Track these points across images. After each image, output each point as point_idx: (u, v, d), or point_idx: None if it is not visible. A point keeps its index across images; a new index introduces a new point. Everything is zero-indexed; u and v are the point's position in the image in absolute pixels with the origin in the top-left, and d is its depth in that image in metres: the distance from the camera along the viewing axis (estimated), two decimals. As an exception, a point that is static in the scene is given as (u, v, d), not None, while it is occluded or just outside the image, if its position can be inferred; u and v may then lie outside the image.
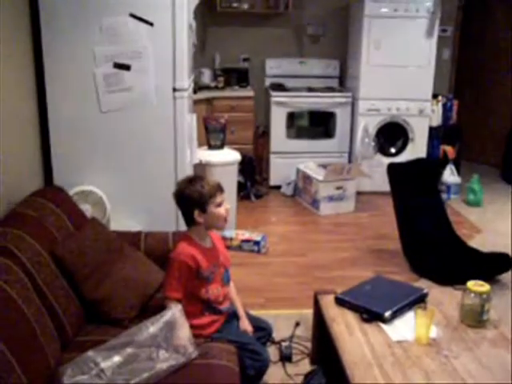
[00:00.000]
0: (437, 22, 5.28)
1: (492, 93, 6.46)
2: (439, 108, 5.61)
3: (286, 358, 2.80)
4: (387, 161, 4.78)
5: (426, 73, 5.39)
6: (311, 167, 5.27)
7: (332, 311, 2.37)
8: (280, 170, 5.61)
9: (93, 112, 3.18)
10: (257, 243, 4.18)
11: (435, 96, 5.57)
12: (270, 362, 2.45)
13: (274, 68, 5.95)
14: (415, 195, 4.00)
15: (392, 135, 5.59)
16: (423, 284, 3.44)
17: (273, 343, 2.83)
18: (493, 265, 3.70)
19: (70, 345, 2.15)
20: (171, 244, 2.72)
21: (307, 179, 5.20)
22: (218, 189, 2.33)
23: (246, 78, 5.81)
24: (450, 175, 5.52)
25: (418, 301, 2.37)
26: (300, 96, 5.58)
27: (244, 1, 5.72)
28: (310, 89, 5.74)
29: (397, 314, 2.27)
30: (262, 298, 3.48)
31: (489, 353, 2.07)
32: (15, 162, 2.75)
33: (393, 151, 5.64)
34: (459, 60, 6.44)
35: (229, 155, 4.49)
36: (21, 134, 2.89)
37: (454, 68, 6.44)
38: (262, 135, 5.82)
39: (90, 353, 1.89)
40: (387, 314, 2.24)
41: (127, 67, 3.14)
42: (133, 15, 3.09)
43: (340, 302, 2.40)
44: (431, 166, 4.61)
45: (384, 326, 2.22)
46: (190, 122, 3.50)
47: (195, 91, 4.85)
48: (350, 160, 5.66)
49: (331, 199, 5.02)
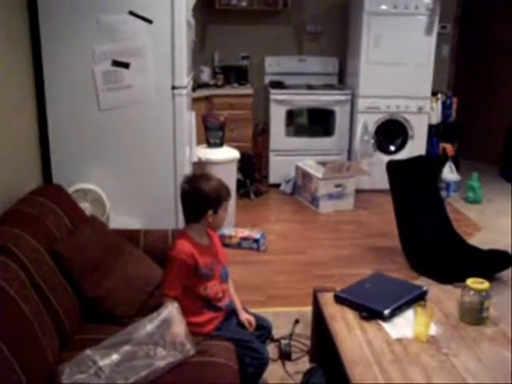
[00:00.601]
0: (436, 19, 5.27)
1: (491, 90, 6.45)
2: (438, 105, 5.60)
3: (286, 356, 2.80)
4: (386, 158, 4.77)
5: (426, 70, 5.38)
6: (311, 165, 5.26)
7: (331, 309, 2.37)
8: (279, 168, 5.61)
9: (92, 110, 3.18)
10: (256, 241, 4.18)
11: (434, 93, 5.57)
12: (270, 360, 2.45)
13: (274, 66, 5.94)
14: (415, 193, 4.00)
15: (391, 133, 5.58)
16: (423, 282, 3.45)
17: (272, 341, 2.83)
18: (492, 262, 3.70)
19: (69, 343, 2.15)
20: (170, 241, 2.72)
21: (307, 177, 5.20)
22: (229, 193, 2.34)
23: (246, 76, 5.80)
24: (450, 173, 5.52)
25: (418, 298, 2.37)
26: (299, 94, 5.57)
27: (243, -2, 5.71)
28: (310, 86, 5.73)
29: (396, 312, 2.27)
30: (262, 296, 3.48)
31: (488, 350, 2.07)
32: (14, 160, 2.74)
33: (392, 149, 5.64)
34: (458, 57, 6.43)
35: (228, 153, 4.48)
36: (19, 132, 2.88)
37: (454, 65, 6.44)
38: (262, 133, 5.82)
39: (88, 351, 1.89)
40: (386, 312, 2.24)
41: (126, 65, 3.13)
42: (132, 13, 3.08)
43: (339, 300, 2.40)
44: (430, 164, 4.61)
45: (383, 324, 2.22)
46: (189, 120, 3.50)
47: (194, 89, 4.85)
48: (350, 158, 5.65)
49: (330, 197, 5.02)
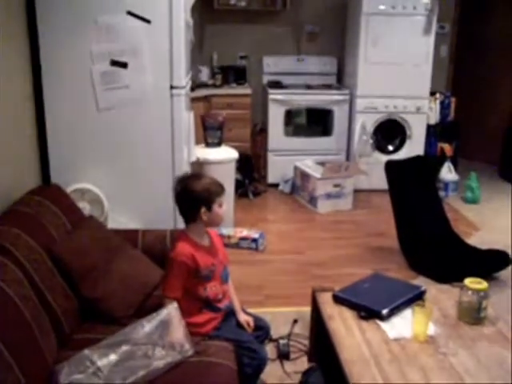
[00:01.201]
0: (434, 19, 5.28)
1: (490, 90, 6.46)
2: (437, 105, 5.60)
3: (284, 356, 2.80)
4: (385, 158, 4.77)
5: (424, 70, 5.39)
6: (309, 165, 5.26)
7: (330, 309, 2.36)
8: (278, 168, 5.61)
9: (90, 110, 3.18)
10: (255, 241, 4.18)
11: (433, 93, 5.57)
12: (268, 360, 2.45)
13: (272, 65, 5.95)
14: (413, 193, 4.01)
15: (390, 133, 5.59)
16: (421, 281, 3.45)
17: (271, 341, 2.83)
18: (491, 262, 3.71)
19: (67, 343, 2.15)
20: (169, 242, 2.72)
21: (305, 177, 5.20)
22: (223, 188, 2.33)
23: (244, 76, 5.80)
24: (448, 173, 5.53)
25: (416, 298, 2.37)
26: (297, 93, 5.58)
27: (241, -2, 5.71)
28: (308, 86, 5.74)
29: (394, 312, 2.27)
30: (260, 296, 3.48)
31: (486, 350, 2.07)
32: (12, 160, 2.74)
33: (390, 149, 5.64)
34: (457, 57, 6.44)
35: (226, 153, 4.48)
36: (18, 132, 2.88)
37: (452, 65, 6.45)
38: (260, 133, 5.82)
39: (87, 351, 1.89)
40: (385, 312, 2.24)
41: (124, 65, 3.13)
42: (130, 13, 3.08)
43: (338, 300, 2.40)
44: (429, 164, 4.61)
45: (382, 324, 2.22)
46: (188, 120, 3.50)
47: (193, 89, 4.84)
48: (348, 158, 5.66)
49: (329, 197, 5.02)
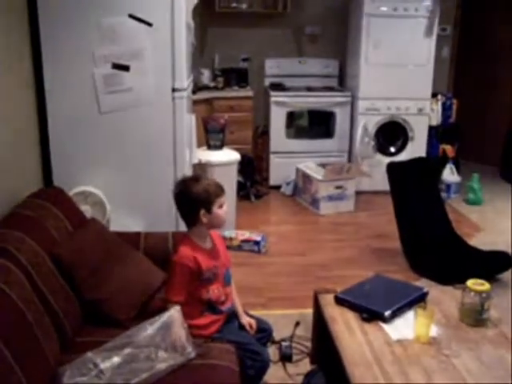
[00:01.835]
0: (436, 21, 5.28)
1: (491, 91, 6.45)
2: (439, 107, 5.60)
3: (286, 358, 2.80)
4: (387, 160, 4.77)
5: (426, 72, 5.39)
6: (311, 167, 5.26)
7: (332, 310, 2.36)
8: (280, 170, 5.61)
9: (92, 113, 3.18)
10: (257, 243, 4.18)
11: (434, 95, 5.57)
12: (270, 362, 2.45)
13: (274, 68, 5.95)
14: (415, 194, 4.00)
15: (391, 134, 5.59)
16: (423, 283, 3.44)
17: (273, 343, 2.83)
18: (493, 263, 3.70)
19: (70, 346, 2.15)
20: (171, 244, 2.72)
21: (307, 179, 5.20)
22: (222, 189, 2.33)
23: (246, 78, 5.80)
24: (450, 174, 5.53)
25: (418, 300, 2.37)
26: (299, 96, 5.58)
27: (243, 1, 5.72)
28: (310, 88, 5.74)
29: (397, 313, 2.27)
30: (262, 298, 3.48)
31: (489, 352, 2.07)
32: (14, 163, 2.74)
33: (392, 150, 5.64)
34: (458, 59, 6.44)
35: (228, 155, 4.49)
36: (20, 135, 2.89)
37: (454, 67, 6.44)
38: (262, 135, 5.82)
39: (89, 354, 1.89)
40: (387, 314, 2.24)
41: (126, 68, 3.14)
42: (132, 16, 3.09)
43: (340, 302, 2.40)
44: (431, 165, 4.61)
45: (384, 325, 2.22)
46: (190, 122, 3.50)
47: (194, 92, 4.85)
48: (350, 159, 5.66)
49: (331, 199, 5.02)
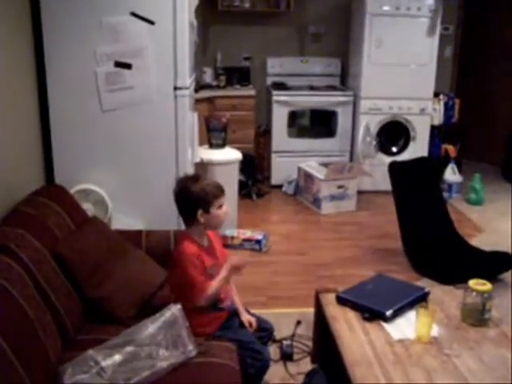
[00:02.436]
0: (438, 21, 5.28)
1: (494, 91, 6.45)
2: (441, 107, 5.60)
3: (287, 357, 2.80)
4: (388, 160, 4.76)
5: (428, 71, 5.39)
6: (313, 166, 5.26)
7: (333, 310, 2.36)
8: (281, 169, 5.61)
9: (94, 111, 3.19)
10: (258, 242, 4.18)
11: (437, 95, 5.57)
12: (271, 361, 2.45)
13: (276, 67, 5.94)
14: (417, 194, 4.00)
15: (393, 134, 5.58)
16: (425, 283, 3.44)
17: (274, 342, 2.83)
18: (495, 264, 3.70)
19: (71, 343, 2.15)
20: (172, 242, 2.72)
21: (309, 178, 5.20)
22: (221, 190, 2.33)
23: (248, 77, 5.80)
24: (452, 174, 5.52)
25: (420, 300, 2.37)
26: (301, 95, 5.58)
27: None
28: (312, 87, 5.73)
29: (398, 313, 2.27)
30: (264, 297, 3.48)
31: (490, 352, 2.07)
32: (17, 161, 2.75)
33: (394, 150, 5.63)
34: (461, 58, 6.43)
35: (230, 154, 4.49)
36: (22, 133, 2.89)
37: (456, 66, 6.44)
38: (264, 134, 5.82)
39: (91, 352, 1.89)
40: (388, 313, 2.23)
41: (128, 66, 3.14)
42: (134, 14, 3.09)
43: (341, 301, 2.40)
44: (433, 165, 4.61)
45: (385, 325, 2.22)
46: (191, 121, 3.50)
47: (197, 90, 4.85)
48: (352, 159, 5.65)
49: (333, 198, 5.02)
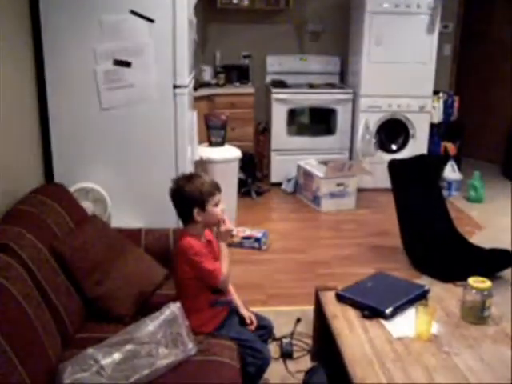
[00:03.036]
0: (438, 18, 5.27)
1: (493, 89, 6.44)
2: (440, 104, 5.60)
3: (287, 355, 2.80)
4: (388, 157, 4.77)
5: (427, 69, 5.38)
6: (312, 164, 5.26)
7: (333, 308, 2.37)
8: (281, 167, 5.60)
9: (93, 109, 3.18)
10: (258, 240, 4.18)
11: (436, 92, 5.56)
12: (271, 359, 2.45)
13: (275, 65, 5.94)
14: (416, 192, 4.00)
15: (393, 132, 5.58)
16: (424, 281, 3.45)
17: (274, 340, 2.83)
18: (494, 261, 3.70)
19: (71, 342, 2.15)
20: (172, 241, 2.72)
21: (308, 176, 5.20)
22: (217, 188, 2.33)
23: (247, 75, 5.80)
24: (451, 172, 5.52)
25: (419, 297, 2.37)
26: (301, 93, 5.57)
27: (244, -3, 5.70)
28: (311, 85, 5.73)
29: (398, 311, 2.27)
30: (263, 295, 3.48)
31: (490, 349, 2.07)
32: (16, 159, 2.74)
33: (394, 148, 5.63)
34: (460, 56, 6.43)
35: (229, 152, 4.48)
36: (21, 131, 2.89)
37: (455, 64, 6.43)
38: (263, 132, 5.82)
39: (90, 350, 1.89)
40: (388, 311, 2.24)
41: (127, 64, 3.13)
42: (133, 12, 3.08)
43: (341, 299, 2.40)
44: (432, 163, 4.60)
45: (385, 323, 2.22)
46: (191, 119, 3.50)
47: (196, 88, 4.84)
48: (351, 157, 5.65)
49: (332, 196, 5.02)
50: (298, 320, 3.07)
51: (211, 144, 4.49)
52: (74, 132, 3.21)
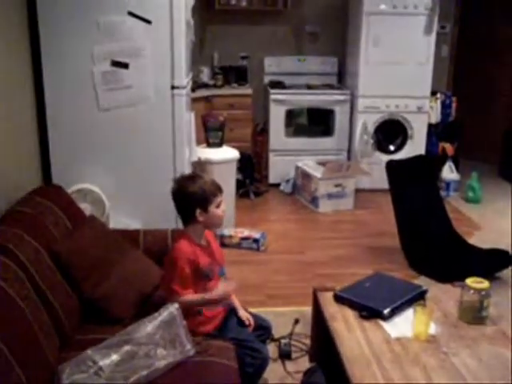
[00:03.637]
0: (435, 19, 5.27)
1: (491, 90, 6.45)
2: (438, 105, 5.60)
3: (286, 356, 2.80)
4: (386, 158, 4.77)
5: (425, 70, 5.39)
6: (310, 165, 5.26)
7: (331, 308, 2.37)
8: (279, 168, 5.61)
9: (91, 110, 3.18)
10: (256, 241, 4.18)
11: (434, 93, 5.57)
12: (270, 360, 2.45)
13: (273, 66, 5.94)
14: (414, 192, 4.00)
15: (391, 132, 5.58)
16: (422, 281, 3.45)
17: (272, 340, 2.83)
18: (492, 261, 3.70)
19: (69, 343, 2.15)
20: (170, 242, 2.72)
21: (306, 177, 5.20)
22: (219, 188, 2.33)
23: (245, 76, 5.80)
24: (449, 172, 5.53)
25: (417, 298, 2.37)
26: (299, 94, 5.58)
27: (242, -2, 5.71)
28: (309, 86, 5.73)
29: (396, 311, 2.27)
30: (262, 296, 3.48)
31: (488, 349, 2.07)
32: (14, 161, 2.74)
33: (392, 148, 5.64)
34: (458, 57, 6.44)
35: (228, 153, 4.48)
36: (19, 133, 2.89)
37: (453, 65, 6.44)
38: (261, 133, 5.82)
39: (89, 351, 1.89)
40: (386, 312, 2.24)
41: (125, 65, 3.14)
42: (131, 13, 3.09)
43: (339, 299, 2.40)
44: (430, 163, 4.61)
45: (383, 323, 2.22)
46: (189, 120, 3.50)
47: (194, 89, 4.85)
48: (349, 157, 5.66)
49: (330, 197, 5.02)
50: (297, 320, 3.07)
51: (209, 145, 4.49)
52: (72, 133, 3.22)
